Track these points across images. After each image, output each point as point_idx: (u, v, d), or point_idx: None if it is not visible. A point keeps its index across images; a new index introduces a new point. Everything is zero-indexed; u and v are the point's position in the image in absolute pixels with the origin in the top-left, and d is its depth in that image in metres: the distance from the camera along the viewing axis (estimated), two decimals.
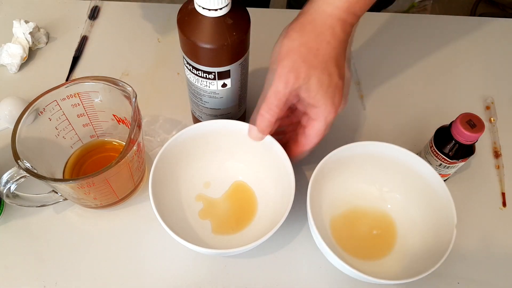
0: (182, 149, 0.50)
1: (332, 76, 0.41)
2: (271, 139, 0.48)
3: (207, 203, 0.52)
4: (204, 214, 0.51)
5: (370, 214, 0.51)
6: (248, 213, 0.51)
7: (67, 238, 0.50)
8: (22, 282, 0.47)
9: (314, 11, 0.41)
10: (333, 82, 0.42)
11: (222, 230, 0.50)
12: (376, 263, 0.48)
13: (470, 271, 0.49)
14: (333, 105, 0.43)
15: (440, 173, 0.51)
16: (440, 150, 0.49)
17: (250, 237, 0.48)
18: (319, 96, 0.42)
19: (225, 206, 0.52)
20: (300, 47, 0.40)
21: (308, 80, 0.41)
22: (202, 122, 0.50)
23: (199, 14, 0.41)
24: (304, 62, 0.40)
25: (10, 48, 0.62)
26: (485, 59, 0.68)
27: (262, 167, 0.52)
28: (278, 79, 0.41)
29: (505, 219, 0.53)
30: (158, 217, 0.43)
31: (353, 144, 0.48)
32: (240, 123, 0.49)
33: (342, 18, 0.40)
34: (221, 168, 0.54)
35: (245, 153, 0.52)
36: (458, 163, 0.50)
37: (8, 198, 0.45)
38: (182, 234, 0.43)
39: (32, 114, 0.45)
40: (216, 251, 0.43)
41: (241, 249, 0.42)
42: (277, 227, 0.43)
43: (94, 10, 0.71)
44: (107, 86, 0.47)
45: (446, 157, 0.49)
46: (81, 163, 0.53)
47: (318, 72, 0.41)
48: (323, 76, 0.41)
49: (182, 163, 0.51)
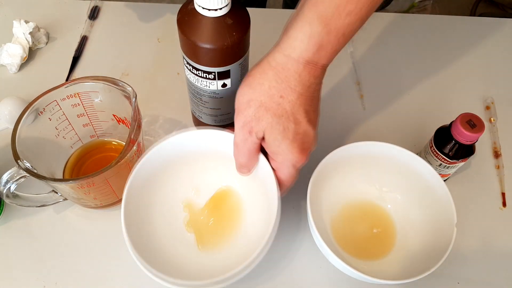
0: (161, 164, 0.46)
1: (300, 124, 0.39)
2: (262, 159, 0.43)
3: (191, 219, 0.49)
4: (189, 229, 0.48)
5: (370, 214, 0.51)
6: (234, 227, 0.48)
7: (67, 238, 0.50)
8: (22, 282, 0.47)
9: (279, 56, 0.37)
10: (301, 129, 0.39)
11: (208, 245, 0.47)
12: (376, 263, 0.48)
13: (470, 271, 0.49)
14: (302, 152, 0.40)
15: (440, 173, 0.51)
16: (440, 150, 0.49)
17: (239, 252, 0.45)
18: (284, 146, 0.39)
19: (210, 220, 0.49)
20: (261, 95, 0.38)
21: (272, 129, 0.38)
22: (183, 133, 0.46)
23: (199, 14, 0.41)
24: (267, 111, 0.38)
25: (10, 48, 0.62)
26: (485, 59, 0.68)
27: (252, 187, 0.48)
28: (240, 131, 0.40)
29: (505, 219, 0.53)
30: (137, 261, 0.39)
31: (353, 144, 0.48)
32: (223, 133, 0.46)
33: (310, 61, 0.37)
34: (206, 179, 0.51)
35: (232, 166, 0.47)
36: (458, 163, 0.50)
37: (8, 198, 0.45)
38: (164, 267, 0.40)
39: (32, 114, 0.45)
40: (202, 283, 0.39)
41: (226, 276, 0.39)
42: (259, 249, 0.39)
43: (94, 10, 0.71)
44: (107, 86, 0.47)
45: (446, 157, 0.49)
46: (81, 163, 0.53)
47: (283, 120, 0.38)
48: (289, 124, 0.38)
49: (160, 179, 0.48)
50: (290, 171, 0.41)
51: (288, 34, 0.37)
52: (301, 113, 0.38)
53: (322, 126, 0.59)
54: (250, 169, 0.44)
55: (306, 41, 0.36)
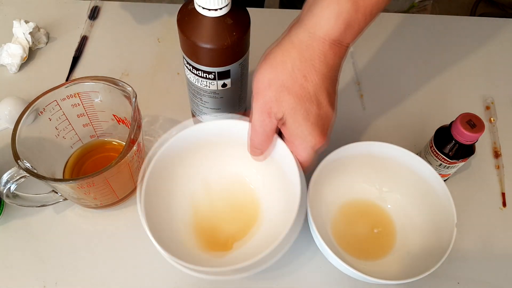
0: (179, 153, 0.46)
1: (322, 106, 0.38)
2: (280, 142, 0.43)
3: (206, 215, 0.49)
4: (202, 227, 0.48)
5: (370, 214, 0.51)
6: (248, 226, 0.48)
7: (67, 238, 0.50)
8: (22, 282, 0.47)
9: (303, 34, 0.35)
10: (323, 112, 0.38)
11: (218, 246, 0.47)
12: (376, 263, 0.48)
13: (470, 271, 0.49)
14: (322, 135, 0.39)
15: (440, 173, 0.51)
16: (440, 150, 0.49)
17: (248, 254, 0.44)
18: (305, 129, 0.38)
19: (224, 216, 0.49)
20: (283, 76, 0.36)
21: (294, 112, 0.37)
22: (202, 123, 0.47)
23: (199, 14, 0.41)
24: (289, 93, 0.36)
25: (10, 48, 0.62)
26: (485, 59, 0.68)
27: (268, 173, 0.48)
28: (258, 112, 0.38)
29: (505, 219, 0.53)
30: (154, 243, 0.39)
31: (353, 144, 0.48)
32: (241, 123, 0.45)
33: (337, 41, 0.35)
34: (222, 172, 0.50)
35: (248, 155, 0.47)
36: (458, 163, 0.50)
37: (8, 198, 0.45)
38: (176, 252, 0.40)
39: (32, 114, 0.45)
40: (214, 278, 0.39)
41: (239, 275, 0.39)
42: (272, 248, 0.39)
43: (94, 10, 0.71)
44: (107, 86, 0.47)
45: (446, 157, 0.49)
46: (81, 163, 0.53)
47: (306, 103, 0.37)
48: (311, 106, 0.37)
49: (178, 169, 0.47)
50: (309, 154, 0.40)
51: (313, 11, 0.35)
52: (324, 95, 0.37)
53: None
54: (264, 151, 0.43)
55: (334, 19, 0.34)
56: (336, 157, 0.48)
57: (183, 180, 0.48)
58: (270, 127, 0.39)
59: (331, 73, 0.37)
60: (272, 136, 0.41)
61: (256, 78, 0.38)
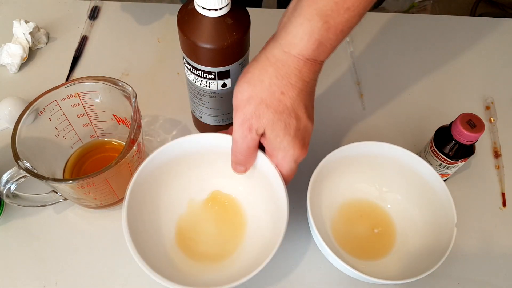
0: (166, 165, 0.46)
1: (300, 119, 0.39)
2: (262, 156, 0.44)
3: (191, 225, 0.48)
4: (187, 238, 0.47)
5: (370, 214, 0.51)
6: (236, 236, 0.48)
7: (67, 238, 0.50)
8: (22, 282, 0.47)
9: (278, 52, 0.37)
10: (302, 125, 0.39)
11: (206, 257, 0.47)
12: (376, 263, 0.48)
13: (470, 271, 0.49)
14: (303, 147, 0.40)
15: (440, 173, 0.51)
16: (440, 150, 0.49)
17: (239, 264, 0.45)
18: (286, 142, 0.39)
19: (211, 229, 0.48)
20: (262, 92, 0.37)
21: (273, 126, 0.38)
22: (184, 137, 0.46)
23: (199, 14, 0.41)
24: (268, 108, 0.38)
25: (10, 48, 0.62)
26: (485, 59, 0.68)
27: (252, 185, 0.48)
28: (239, 128, 0.39)
29: (505, 219, 0.53)
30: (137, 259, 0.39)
31: (353, 144, 0.48)
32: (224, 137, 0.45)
33: (311, 58, 0.37)
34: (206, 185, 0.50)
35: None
36: (458, 163, 0.50)
37: (8, 198, 0.45)
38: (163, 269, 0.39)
39: (32, 114, 0.45)
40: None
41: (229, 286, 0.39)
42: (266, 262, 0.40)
43: (94, 10, 0.71)
44: (107, 86, 0.47)
45: (446, 157, 0.49)
46: (81, 163, 0.53)
47: (285, 117, 0.38)
48: (290, 120, 0.38)
49: (162, 182, 0.47)
50: (291, 166, 0.42)
51: (287, 30, 0.37)
52: (302, 109, 0.39)
53: (322, 126, 0.59)
54: (247, 167, 0.44)
55: (306, 39, 0.36)
56: (336, 157, 0.48)
57: (166, 196, 0.48)
58: (252, 143, 0.40)
59: (307, 88, 0.38)
60: (255, 151, 0.42)
61: (235, 95, 0.39)
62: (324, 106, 0.62)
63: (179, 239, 0.47)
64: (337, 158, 0.48)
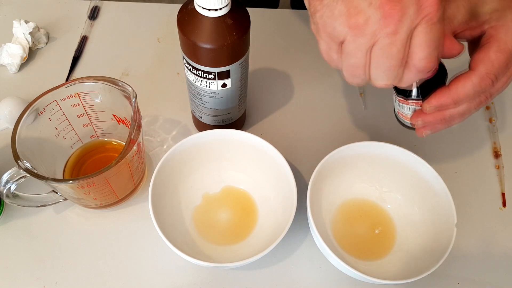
0: (182, 159, 0.49)
1: None
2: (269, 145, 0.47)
3: (207, 213, 0.51)
4: (204, 225, 0.50)
5: (370, 214, 0.51)
6: (249, 223, 0.50)
7: (67, 238, 0.50)
8: (22, 282, 0.47)
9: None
10: None
11: (222, 240, 0.49)
12: (376, 263, 0.48)
13: (470, 271, 0.49)
14: None
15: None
16: (408, 95, 0.41)
17: (251, 248, 0.48)
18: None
19: (226, 216, 0.51)
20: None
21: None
22: (203, 132, 0.49)
23: (199, 14, 0.41)
24: None
25: (10, 48, 0.62)
26: None
27: (263, 175, 0.51)
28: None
29: (505, 219, 0.53)
30: (159, 231, 0.42)
31: (353, 144, 0.48)
32: (240, 133, 0.49)
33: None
34: (221, 177, 0.53)
35: (245, 162, 0.52)
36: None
37: (8, 198, 0.45)
38: (182, 247, 0.43)
39: (32, 114, 0.45)
40: (218, 265, 0.42)
41: (241, 263, 0.42)
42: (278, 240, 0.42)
43: (94, 10, 0.71)
44: (107, 86, 0.47)
45: (416, 98, 0.40)
46: (81, 163, 0.53)
47: None
48: None
49: (181, 173, 0.50)
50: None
51: None
52: None
53: (322, 125, 0.59)
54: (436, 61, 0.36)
55: None
56: (336, 157, 0.48)
57: (184, 186, 0.52)
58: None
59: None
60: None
61: None
62: (324, 106, 0.62)
63: (196, 225, 0.50)
64: (337, 158, 0.48)
